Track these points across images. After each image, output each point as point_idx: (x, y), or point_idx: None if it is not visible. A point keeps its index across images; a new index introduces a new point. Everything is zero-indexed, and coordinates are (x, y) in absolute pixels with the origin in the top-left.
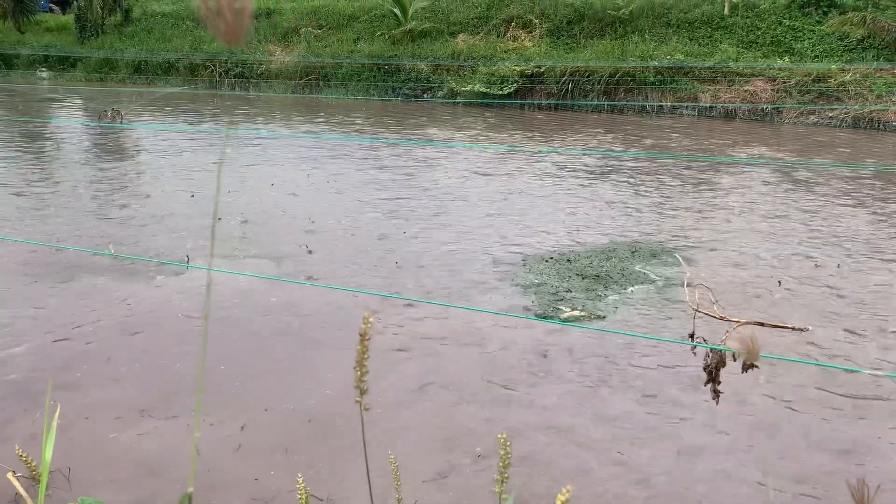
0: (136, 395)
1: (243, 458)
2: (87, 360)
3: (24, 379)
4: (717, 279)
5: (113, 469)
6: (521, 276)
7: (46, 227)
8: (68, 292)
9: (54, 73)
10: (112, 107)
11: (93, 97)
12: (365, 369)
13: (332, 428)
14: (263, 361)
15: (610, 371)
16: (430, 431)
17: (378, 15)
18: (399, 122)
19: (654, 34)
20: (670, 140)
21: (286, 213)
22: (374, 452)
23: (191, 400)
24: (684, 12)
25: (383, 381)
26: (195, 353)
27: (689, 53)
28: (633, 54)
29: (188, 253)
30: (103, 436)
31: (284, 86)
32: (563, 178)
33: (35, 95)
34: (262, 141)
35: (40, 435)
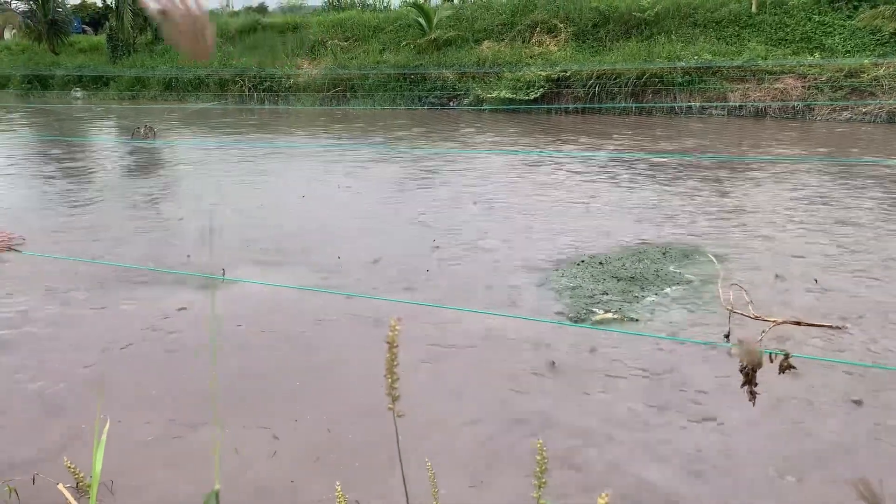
0: (176, 404)
1: (279, 463)
2: (130, 370)
3: (71, 390)
4: (751, 279)
5: (156, 478)
6: (555, 281)
7: (87, 241)
8: (110, 306)
9: (88, 92)
10: (145, 123)
11: (126, 115)
12: (395, 376)
13: (367, 435)
14: (298, 369)
15: (654, 372)
16: (467, 439)
17: (403, 25)
18: (428, 130)
19: (680, 34)
20: (699, 140)
21: (316, 222)
22: (408, 459)
23: (230, 408)
24: (711, 11)
25: (417, 387)
26: (235, 362)
27: (716, 53)
28: (660, 55)
29: (225, 265)
30: (145, 445)
31: (312, 98)
32: (591, 181)
33: (70, 115)
34: (291, 152)
35: (79, 446)
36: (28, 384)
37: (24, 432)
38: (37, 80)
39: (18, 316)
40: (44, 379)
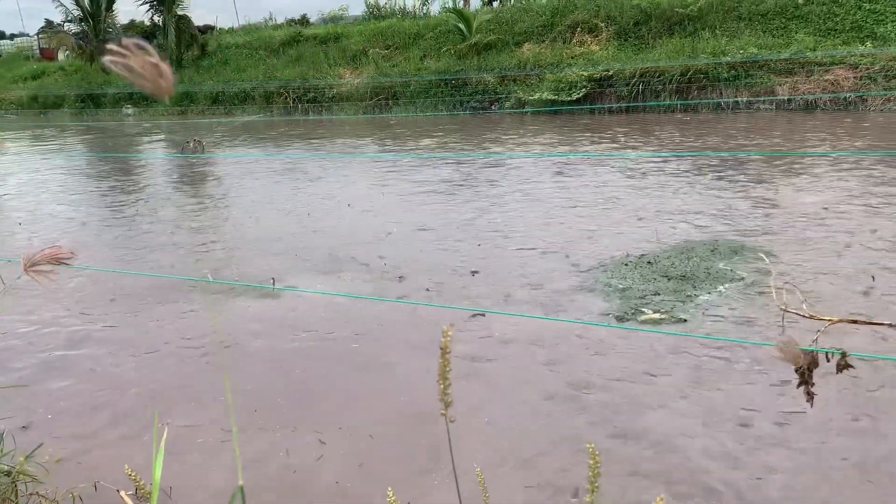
0: (223, 411)
1: (325, 467)
2: (185, 378)
3: (129, 398)
4: (805, 276)
5: (211, 485)
6: (604, 281)
7: (139, 253)
8: (163, 317)
9: (138, 109)
10: (194, 138)
11: (175, 129)
12: (448, 382)
13: (412, 441)
14: (349, 375)
15: (707, 369)
16: (518, 443)
17: (443, 31)
18: (469, 134)
19: (725, 29)
20: (747, 135)
21: (363, 228)
22: (457, 465)
23: (282, 413)
24: (756, 4)
25: (467, 392)
26: (288, 368)
27: (763, 46)
28: (705, 51)
29: (276, 274)
30: (201, 453)
31: (355, 107)
32: (635, 179)
33: (122, 131)
34: (336, 161)
35: (139, 453)
36: (88, 393)
37: (86, 439)
38: (90, 98)
39: (76, 327)
40: (103, 387)
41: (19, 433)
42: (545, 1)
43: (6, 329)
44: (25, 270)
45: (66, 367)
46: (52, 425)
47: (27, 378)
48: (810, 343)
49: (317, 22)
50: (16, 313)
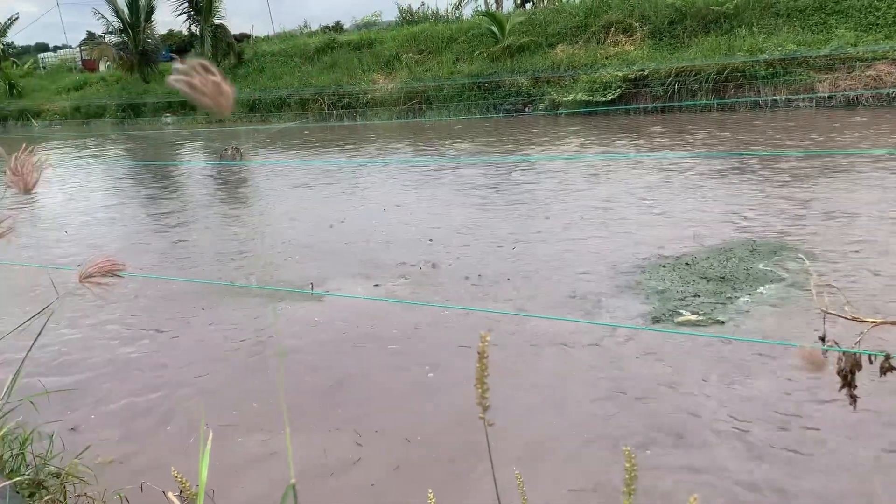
0: (265, 414)
1: (362, 468)
2: (226, 382)
3: (175, 402)
4: (846, 277)
5: (252, 488)
6: (644, 284)
7: (184, 261)
8: (207, 321)
9: (177, 117)
10: (232, 145)
11: (213, 137)
12: (486, 386)
13: (449, 445)
14: (387, 379)
15: (742, 369)
16: (558, 444)
17: (476, 34)
18: (503, 136)
19: (762, 26)
20: (785, 133)
21: (399, 233)
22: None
23: (322, 414)
24: (794, 0)
25: (506, 397)
26: (328, 371)
27: (801, 42)
28: (742, 49)
29: (314, 279)
30: (240, 455)
31: (389, 112)
32: (672, 180)
33: (162, 139)
34: (371, 166)
35: (184, 455)
36: (134, 396)
37: (133, 441)
38: (130, 108)
39: (123, 332)
40: (149, 390)
41: (68, 435)
42: (578, 2)
43: (57, 334)
44: (81, 281)
45: (113, 370)
46: (100, 427)
47: (77, 382)
48: (852, 345)
49: (351, 28)
50: (66, 319)
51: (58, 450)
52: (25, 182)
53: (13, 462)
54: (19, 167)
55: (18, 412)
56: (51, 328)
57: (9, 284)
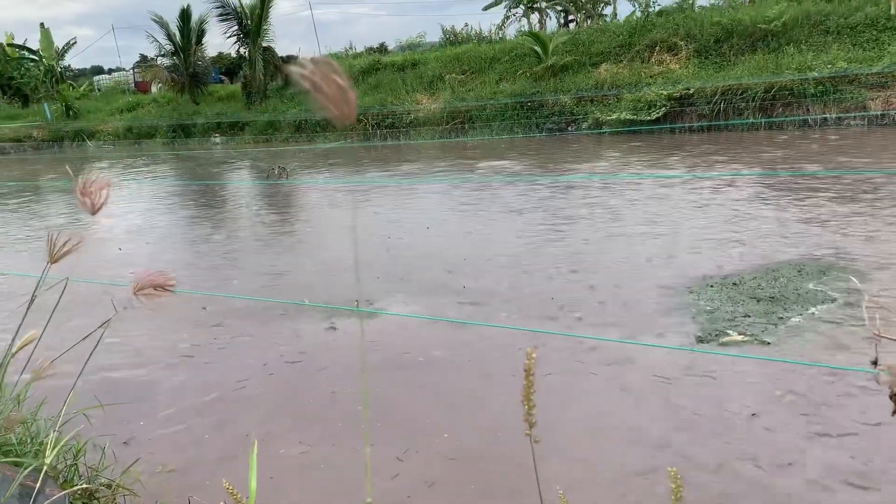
0: (320, 426)
1: (399, 484)
2: (278, 395)
3: (228, 414)
4: None
5: (303, 498)
6: (692, 304)
7: (234, 277)
8: (258, 336)
9: (225, 137)
10: (278, 164)
11: (260, 157)
12: (532, 403)
13: (488, 463)
14: (429, 396)
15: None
16: (604, 465)
17: (519, 54)
18: (546, 155)
19: (811, 44)
20: (835, 152)
21: (443, 253)
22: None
23: (362, 431)
24: (845, 17)
25: (553, 413)
26: (372, 388)
27: (853, 60)
28: (790, 67)
29: (359, 296)
30: (288, 466)
31: (431, 132)
32: (717, 198)
33: (211, 159)
34: (414, 185)
35: (235, 468)
36: (188, 410)
37: (183, 454)
38: (180, 128)
39: (175, 347)
40: (202, 405)
41: (121, 448)
42: (623, 21)
43: (111, 350)
44: (135, 293)
45: (165, 385)
46: (152, 439)
47: (129, 396)
48: None
49: (395, 49)
50: (119, 335)
51: (109, 461)
52: (93, 203)
53: (66, 472)
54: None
55: (74, 424)
56: (105, 343)
57: (66, 300)
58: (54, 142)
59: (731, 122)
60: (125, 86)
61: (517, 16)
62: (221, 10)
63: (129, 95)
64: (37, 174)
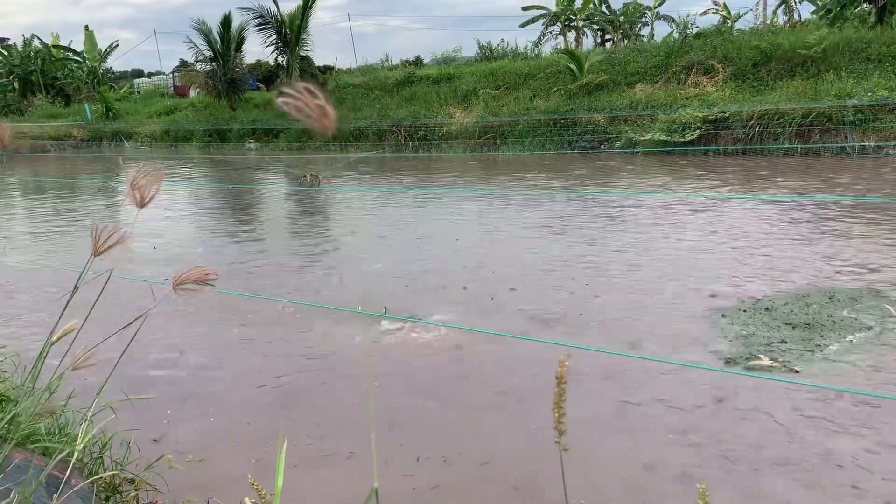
0: (337, 429)
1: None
2: (301, 398)
3: (254, 412)
4: None
5: (310, 498)
6: (727, 329)
7: (265, 279)
8: (287, 339)
9: (260, 144)
10: (311, 172)
11: (293, 164)
12: (562, 411)
13: (491, 474)
14: (446, 409)
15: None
16: (627, 478)
17: (554, 72)
18: (579, 173)
19: (851, 71)
20: (872, 181)
21: (471, 264)
22: None
23: (381, 436)
24: (887, 45)
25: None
26: (394, 396)
27: (894, 89)
28: (829, 93)
29: (387, 303)
30: (308, 468)
31: (463, 146)
32: (750, 223)
33: (245, 164)
34: (447, 196)
35: (257, 464)
36: (214, 407)
37: (209, 451)
38: (216, 133)
39: (210, 346)
40: (230, 404)
41: (148, 443)
42: (660, 42)
43: (144, 346)
44: (174, 288)
45: (195, 384)
46: (178, 435)
47: (159, 392)
48: None
49: (430, 63)
50: (152, 332)
51: (136, 457)
52: (142, 196)
53: (92, 465)
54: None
55: (105, 419)
56: (139, 340)
57: (106, 295)
58: (93, 141)
59: (766, 146)
60: (164, 89)
61: (554, 33)
62: (261, 19)
63: (168, 99)
64: (76, 172)
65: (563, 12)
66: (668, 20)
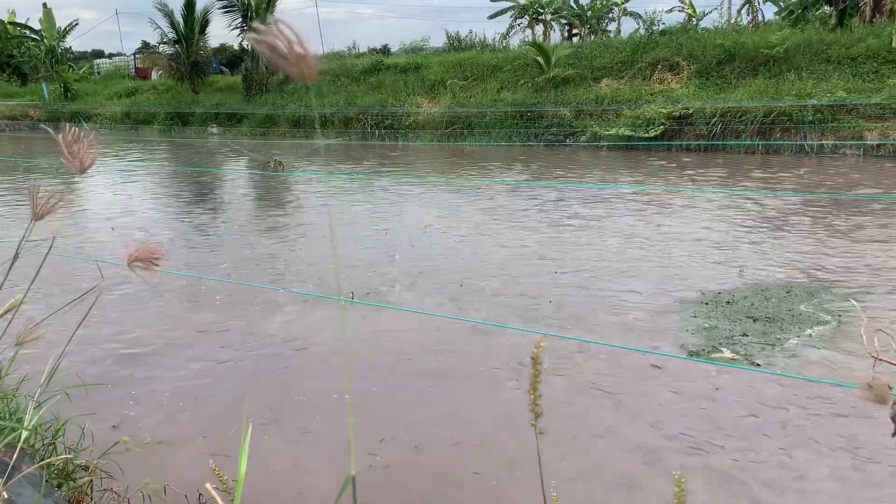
0: (302, 411)
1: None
2: (262, 382)
3: (214, 397)
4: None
5: (279, 483)
6: (689, 321)
7: (222, 262)
8: (245, 318)
9: (223, 128)
10: (275, 158)
11: (257, 149)
12: (538, 392)
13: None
14: (405, 391)
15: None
16: (600, 462)
17: (521, 64)
18: (544, 165)
19: (812, 71)
20: (826, 179)
21: (438, 249)
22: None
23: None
24: (846, 47)
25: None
26: (361, 378)
27: (852, 90)
28: (790, 93)
29: (354, 288)
30: (270, 452)
31: (430, 135)
32: (707, 217)
33: (208, 149)
34: (412, 185)
35: (219, 452)
36: (176, 392)
37: (169, 438)
38: (178, 117)
39: (169, 329)
40: (192, 387)
41: (109, 431)
42: (626, 37)
43: (98, 328)
44: (128, 264)
45: (153, 369)
46: (138, 420)
47: (116, 376)
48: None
49: (398, 52)
50: (107, 314)
51: (94, 444)
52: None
53: (43, 451)
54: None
55: (58, 405)
56: (93, 322)
57: (58, 277)
58: (50, 122)
59: (728, 143)
60: (125, 71)
61: (522, 26)
62: (226, 1)
63: (129, 81)
64: (33, 153)
65: (532, 5)
66: (634, 16)
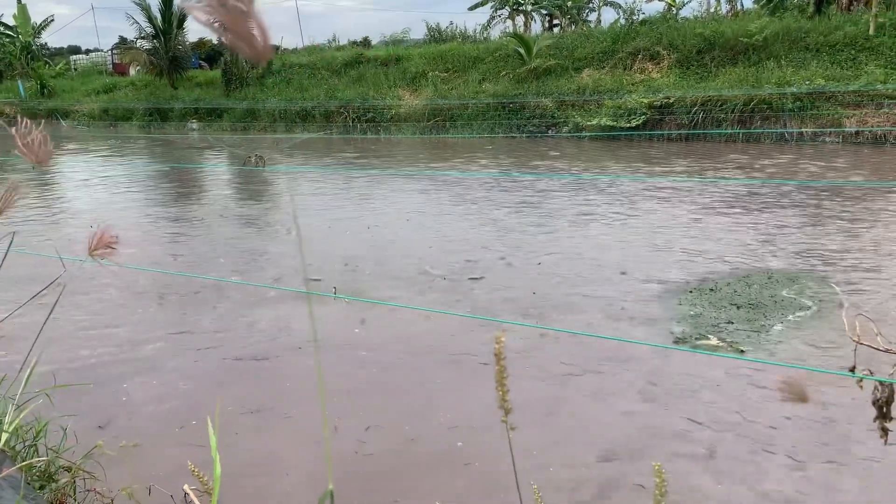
0: (278, 407)
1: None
2: (240, 379)
3: (192, 396)
4: (876, 307)
5: (263, 479)
6: (675, 309)
7: (205, 259)
8: (224, 315)
9: (203, 123)
10: (255, 153)
11: (237, 144)
12: (506, 388)
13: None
14: (386, 383)
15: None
16: (574, 456)
17: (503, 55)
18: (526, 156)
19: (790, 59)
20: (808, 167)
21: (418, 245)
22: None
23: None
24: (825, 35)
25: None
26: (338, 372)
27: (830, 77)
28: (769, 81)
29: (335, 283)
30: (253, 448)
31: (413, 128)
32: (689, 205)
33: (188, 144)
34: (396, 178)
35: (201, 451)
36: (155, 391)
37: (152, 437)
38: (157, 112)
39: (141, 328)
40: (170, 387)
41: (95, 431)
42: (606, 27)
43: (74, 328)
44: (90, 254)
45: (134, 366)
46: (124, 423)
47: (95, 377)
48: (889, 375)
49: (379, 44)
50: (79, 315)
51: (76, 444)
52: (37, 154)
53: (25, 453)
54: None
55: (40, 407)
56: (68, 322)
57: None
58: (27, 120)
59: (709, 131)
60: (102, 67)
61: (502, 17)
62: None
63: (107, 77)
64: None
65: None
66: (614, 6)
